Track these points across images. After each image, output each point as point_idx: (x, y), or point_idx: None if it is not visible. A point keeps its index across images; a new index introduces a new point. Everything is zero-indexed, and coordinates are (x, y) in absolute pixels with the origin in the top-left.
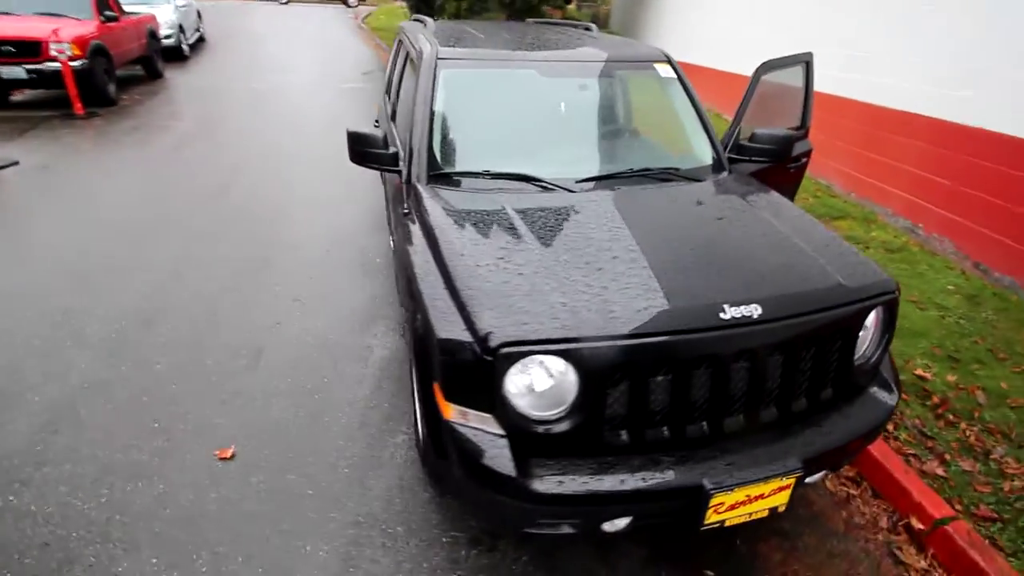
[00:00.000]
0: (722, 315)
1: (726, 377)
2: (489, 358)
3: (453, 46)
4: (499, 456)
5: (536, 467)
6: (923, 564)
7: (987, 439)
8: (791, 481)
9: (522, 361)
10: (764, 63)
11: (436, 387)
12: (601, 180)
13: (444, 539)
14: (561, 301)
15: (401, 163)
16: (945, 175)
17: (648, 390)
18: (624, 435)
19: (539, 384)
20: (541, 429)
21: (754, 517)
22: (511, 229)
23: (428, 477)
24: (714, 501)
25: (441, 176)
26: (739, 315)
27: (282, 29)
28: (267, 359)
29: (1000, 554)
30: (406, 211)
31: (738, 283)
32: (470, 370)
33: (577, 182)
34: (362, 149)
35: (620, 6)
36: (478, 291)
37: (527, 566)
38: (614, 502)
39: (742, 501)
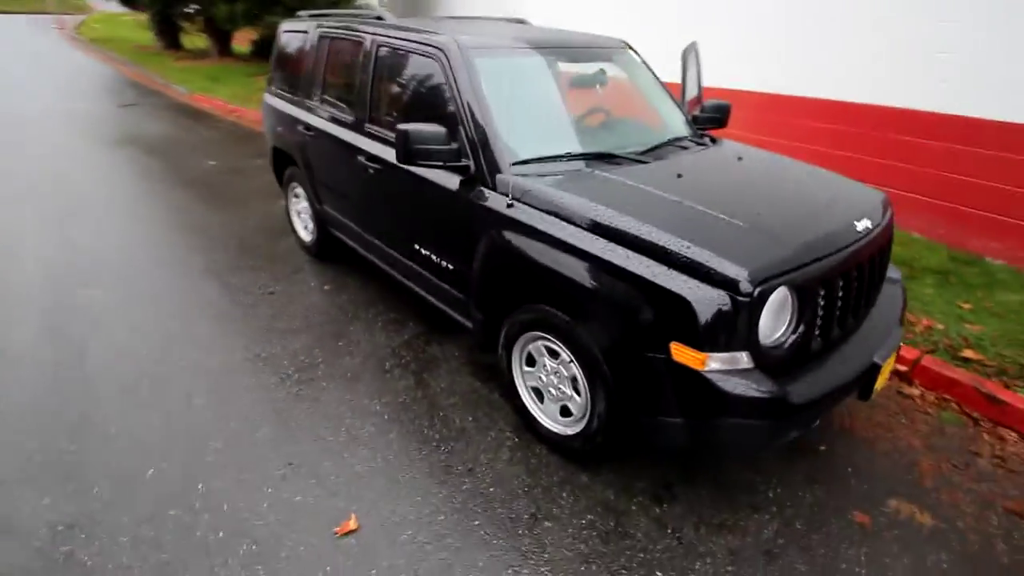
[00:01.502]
0: (857, 228)
1: (864, 276)
2: (746, 299)
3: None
4: (766, 384)
5: (784, 385)
6: (917, 392)
7: None
8: (899, 344)
9: (772, 294)
10: (687, 46)
11: (675, 347)
12: (651, 151)
13: (633, 505)
14: (764, 238)
15: (464, 159)
16: (778, 135)
17: (834, 297)
18: (819, 339)
19: (777, 310)
20: (776, 352)
21: (885, 380)
22: (652, 194)
23: (591, 457)
24: (882, 371)
25: (520, 164)
26: (864, 227)
27: None
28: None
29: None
30: (509, 204)
31: (840, 207)
32: (729, 316)
33: (638, 154)
34: (419, 147)
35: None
36: (694, 244)
37: (716, 502)
38: (839, 394)
39: (884, 368)
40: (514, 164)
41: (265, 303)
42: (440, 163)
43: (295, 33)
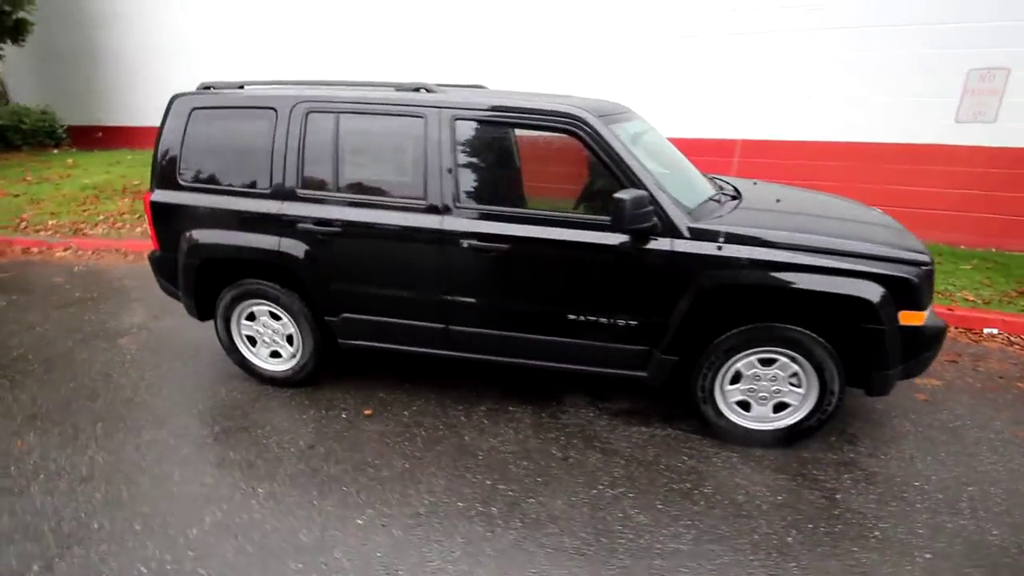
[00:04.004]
0: (888, 217)
1: None
2: (931, 270)
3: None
4: (941, 322)
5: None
6: None
7: None
8: None
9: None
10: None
11: (903, 314)
12: (727, 190)
13: (851, 454)
14: (901, 232)
15: (655, 217)
16: None
17: None
18: None
19: None
20: None
21: None
22: (799, 216)
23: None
24: None
25: (690, 212)
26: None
27: None
28: None
29: None
30: (719, 247)
31: (864, 207)
32: (928, 283)
33: (724, 192)
34: (637, 212)
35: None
36: (883, 245)
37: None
38: None
39: None
40: (687, 214)
41: (323, 462)
42: (651, 224)
43: (235, 110)
